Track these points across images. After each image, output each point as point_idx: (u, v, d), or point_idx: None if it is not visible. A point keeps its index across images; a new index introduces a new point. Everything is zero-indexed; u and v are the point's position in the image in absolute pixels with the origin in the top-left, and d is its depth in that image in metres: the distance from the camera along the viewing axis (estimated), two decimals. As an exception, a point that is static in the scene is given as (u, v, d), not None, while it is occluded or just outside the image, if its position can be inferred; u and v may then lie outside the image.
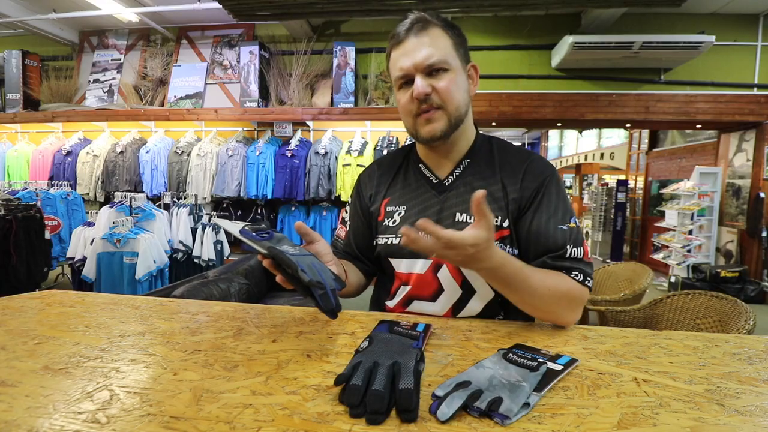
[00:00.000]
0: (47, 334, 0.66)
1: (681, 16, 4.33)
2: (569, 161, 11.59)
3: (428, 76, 0.79)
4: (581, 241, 0.79)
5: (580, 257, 0.78)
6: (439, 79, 0.78)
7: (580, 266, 0.77)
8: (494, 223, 0.67)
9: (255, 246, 0.66)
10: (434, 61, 0.77)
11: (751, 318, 1.34)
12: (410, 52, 0.78)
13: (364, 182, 0.98)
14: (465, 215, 0.82)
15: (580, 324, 0.76)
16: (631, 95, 4.46)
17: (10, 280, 3.04)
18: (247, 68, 4.56)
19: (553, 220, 0.79)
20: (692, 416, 0.44)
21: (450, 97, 0.79)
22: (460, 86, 0.80)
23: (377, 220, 0.91)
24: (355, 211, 0.97)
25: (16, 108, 4.99)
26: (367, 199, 0.95)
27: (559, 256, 0.77)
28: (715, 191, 5.06)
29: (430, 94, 0.78)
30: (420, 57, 0.77)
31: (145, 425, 0.40)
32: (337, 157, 4.25)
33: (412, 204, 0.88)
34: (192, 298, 1.92)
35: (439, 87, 0.78)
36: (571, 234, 0.78)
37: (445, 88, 0.78)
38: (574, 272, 0.76)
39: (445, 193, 0.86)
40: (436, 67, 0.78)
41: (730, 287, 4.50)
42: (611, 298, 2.10)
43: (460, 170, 0.86)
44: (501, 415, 0.42)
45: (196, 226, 3.77)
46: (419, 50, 0.78)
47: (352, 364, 0.50)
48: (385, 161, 0.98)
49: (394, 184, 0.92)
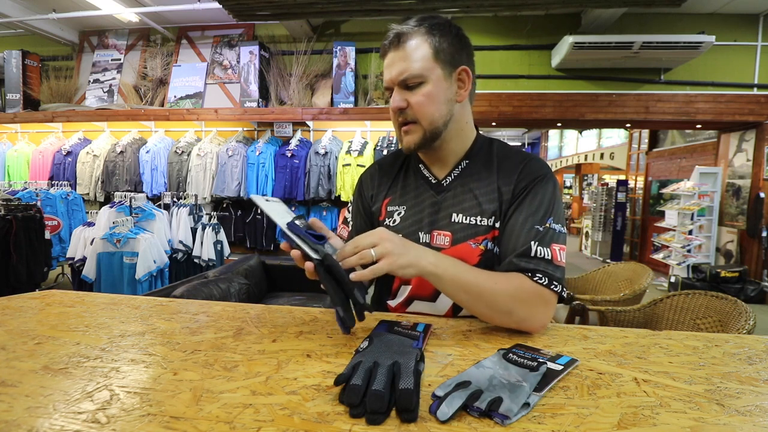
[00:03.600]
0: (47, 334, 0.66)
1: (681, 16, 4.33)
2: (569, 161, 11.60)
3: (405, 89, 0.80)
4: (550, 242, 0.75)
5: (548, 258, 0.74)
6: (414, 93, 0.79)
7: (547, 269, 0.72)
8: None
9: (304, 247, 0.64)
10: (407, 77, 0.78)
11: (751, 318, 1.34)
12: (389, 66, 0.81)
13: (365, 182, 0.99)
14: (461, 215, 0.83)
15: (580, 324, 0.76)
16: (631, 95, 4.46)
17: (10, 280, 3.04)
18: (247, 68, 4.56)
19: (530, 219, 0.77)
20: (692, 416, 0.44)
21: (423, 112, 0.80)
22: (437, 98, 0.80)
23: (378, 219, 0.93)
24: (357, 210, 0.98)
25: (16, 108, 4.99)
26: (368, 199, 0.96)
27: (522, 254, 0.74)
28: (715, 191, 5.06)
29: (404, 108, 0.80)
30: (394, 72, 0.79)
31: (145, 425, 0.40)
32: (337, 157, 4.25)
33: (411, 204, 0.89)
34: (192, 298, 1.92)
35: (412, 102, 0.79)
36: (544, 234, 0.75)
37: (418, 102, 0.79)
38: (538, 275, 0.72)
39: (442, 193, 0.86)
40: (409, 82, 0.79)
41: (730, 287, 4.50)
42: (611, 298, 2.10)
43: (458, 171, 0.87)
44: (501, 415, 0.42)
45: (196, 226, 3.76)
46: (395, 65, 0.79)
47: (352, 364, 0.50)
48: (386, 162, 0.99)
49: (395, 185, 0.93)
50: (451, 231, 0.83)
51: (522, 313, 0.69)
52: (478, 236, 0.81)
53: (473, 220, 0.82)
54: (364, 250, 0.64)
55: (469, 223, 0.82)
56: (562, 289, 0.73)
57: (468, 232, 0.81)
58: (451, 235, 0.83)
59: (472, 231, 0.81)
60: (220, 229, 3.88)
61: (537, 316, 0.70)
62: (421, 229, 0.85)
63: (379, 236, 0.66)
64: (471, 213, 0.82)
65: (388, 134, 4.38)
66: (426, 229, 0.85)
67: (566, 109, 4.51)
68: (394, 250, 0.65)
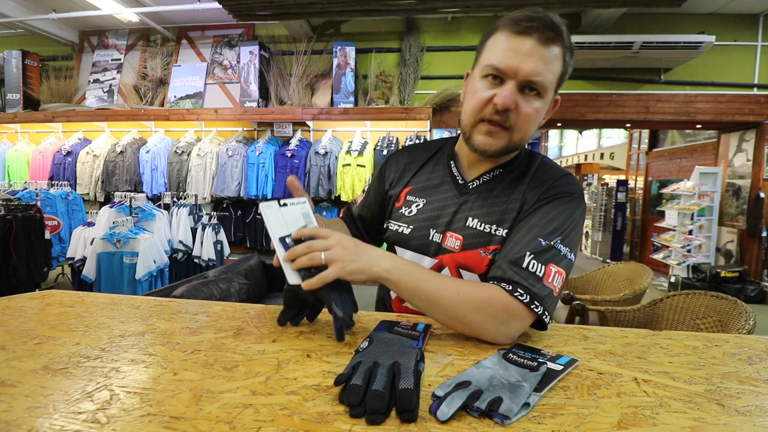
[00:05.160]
0: (47, 334, 0.66)
1: (681, 16, 4.33)
2: (569, 161, 11.60)
3: (520, 90, 0.71)
4: (548, 261, 0.67)
5: (538, 275, 0.66)
6: (528, 101, 0.71)
7: (533, 286, 0.65)
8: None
9: (284, 268, 0.65)
10: (537, 81, 0.69)
11: (751, 318, 1.34)
12: (522, 54, 0.68)
13: (390, 165, 0.96)
14: (477, 221, 0.79)
15: (580, 324, 0.76)
16: (631, 95, 4.46)
17: (10, 280, 3.04)
18: (247, 68, 4.56)
19: (537, 230, 0.70)
20: (692, 416, 0.44)
21: (524, 126, 0.73)
22: (540, 116, 0.75)
23: (394, 205, 0.91)
24: (372, 187, 0.99)
25: (16, 108, 4.99)
26: (387, 182, 0.94)
27: (514, 262, 0.67)
28: (715, 191, 5.06)
29: (511, 110, 0.71)
30: (528, 67, 0.68)
31: (145, 425, 0.40)
32: (337, 157, 4.25)
33: (431, 199, 0.86)
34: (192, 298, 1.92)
35: (523, 110, 0.71)
36: (545, 250, 0.68)
37: (527, 114, 0.72)
38: (519, 290, 0.64)
39: (465, 195, 0.83)
40: (534, 87, 0.70)
41: (730, 287, 4.50)
42: (611, 298, 2.10)
43: (489, 177, 0.82)
44: (501, 415, 0.42)
45: (196, 226, 3.77)
46: (532, 59, 0.68)
47: (352, 364, 0.50)
48: (417, 149, 0.95)
49: (420, 174, 0.90)
50: (463, 235, 0.79)
51: (482, 324, 0.63)
52: (489, 245, 0.77)
53: (488, 228, 0.78)
54: (314, 253, 0.62)
55: (483, 231, 0.78)
56: (544, 311, 0.65)
57: (480, 240, 0.78)
58: (462, 239, 0.79)
59: (484, 239, 0.78)
60: (220, 229, 3.88)
61: (500, 329, 0.63)
62: (434, 227, 0.83)
63: (334, 240, 0.64)
64: (488, 221, 0.78)
65: (388, 134, 4.38)
66: (440, 229, 0.82)
67: (566, 109, 4.51)
68: (344, 255, 0.63)
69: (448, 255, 0.81)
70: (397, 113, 4.26)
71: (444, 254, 0.81)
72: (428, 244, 0.83)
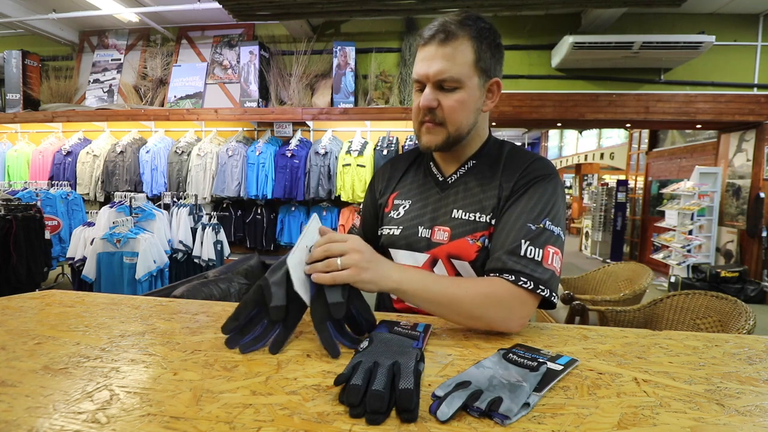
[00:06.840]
0: (47, 334, 0.66)
1: (681, 16, 4.33)
2: (569, 161, 11.60)
3: (438, 89, 0.78)
4: (544, 243, 0.72)
5: (537, 259, 0.70)
6: (448, 96, 0.78)
7: (535, 271, 0.69)
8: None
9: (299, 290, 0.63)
10: (446, 78, 0.76)
11: (751, 318, 1.34)
12: (427, 59, 0.77)
13: (377, 177, 1.03)
14: (461, 211, 0.84)
15: (580, 324, 0.76)
16: (631, 95, 4.46)
17: (10, 280, 3.04)
18: (247, 68, 4.56)
19: (524, 216, 0.75)
20: (692, 416, 0.44)
21: (453, 117, 0.79)
22: (468, 105, 0.79)
23: (384, 211, 0.96)
24: (366, 203, 1.03)
25: (16, 108, 4.99)
26: (377, 192, 1.00)
27: (512, 252, 0.71)
28: (715, 191, 5.06)
29: (434, 108, 0.79)
30: (433, 69, 0.76)
31: (145, 425, 0.40)
32: (337, 157, 4.25)
33: (416, 199, 0.92)
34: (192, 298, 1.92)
35: (445, 104, 0.78)
36: (538, 234, 0.73)
37: (450, 107, 0.78)
38: (522, 278, 0.69)
39: (447, 190, 0.88)
40: (446, 84, 0.77)
41: (730, 287, 4.50)
42: (611, 298, 2.10)
43: (464, 170, 0.88)
44: (501, 415, 0.42)
45: (196, 226, 3.76)
46: (435, 61, 0.76)
47: (352, 364, 0.50)
48: (399, 158, 1.02)
49: (404, 180, 0.97)
50: (450, 227, 0.84)
51: (493, 316, 0.67)
52: (476, 232, 0.82)
53: (472, 217, 0.82)
54: (331, 260, 0.63)
55: (468, 219, 0.83)
56: (550, 293, 0.70)
57: (466, 228, 0.82)
58: (450, 230, 0.84)
59: (470, 227, 0.82)
60: (220, 229, 3.88)
61: (512, 317, 0.68)
62: (422, 224, 0.87)
63: (350, 245, 0.65)
64: (471, 209, 0.83)
65: (388, 134, 4.38)
66: (427, 225, 0.87)
67: (566, 109, 4.51)
68: (360, 263, 0.64)
69: (439, 248, 0.84)
70: (397, 113, 4.26)
71: (435, 248, 0.85)
72: (418, 240, 0.87)
